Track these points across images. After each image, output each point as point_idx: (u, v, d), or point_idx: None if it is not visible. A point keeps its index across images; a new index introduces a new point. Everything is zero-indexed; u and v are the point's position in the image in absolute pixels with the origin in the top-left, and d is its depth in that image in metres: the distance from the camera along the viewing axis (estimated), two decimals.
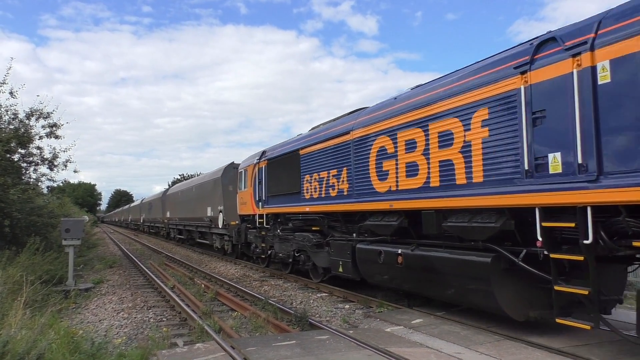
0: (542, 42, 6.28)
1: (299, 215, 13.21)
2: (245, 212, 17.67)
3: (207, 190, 24.13)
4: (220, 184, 21.61)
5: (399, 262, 8.87)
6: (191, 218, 27.78)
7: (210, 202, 23.02)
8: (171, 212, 34.85)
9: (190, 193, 28.70)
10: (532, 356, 6.11)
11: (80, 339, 7.37)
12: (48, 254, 13.94)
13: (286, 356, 6.19)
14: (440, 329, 7.65)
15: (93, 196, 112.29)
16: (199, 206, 25.52)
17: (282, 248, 14.53)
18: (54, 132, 17.32)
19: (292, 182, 13.25)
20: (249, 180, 16.91)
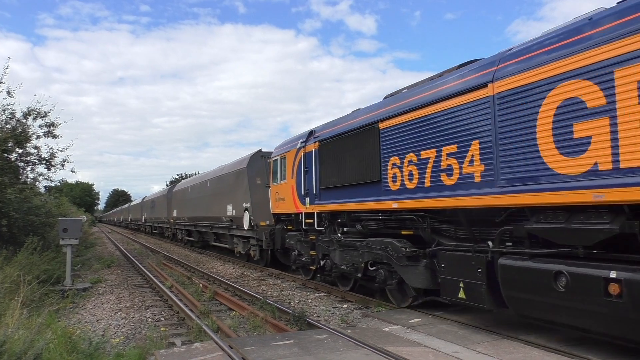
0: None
1: (378, 213, 9.67)
2: (283, 210, 14.11)
3: (227, 185, 20.37)
4: (245, 177, 17.81)
5: (612, 293, 5.27)
6: (205, 218, 23.84)
7: (232, 199, 19.30)
8: (179, 210, 30.91)
9: (203, 189, 24.74)
10: (530, 355, 6.12)
11: (78, 339, 7.37)
12: (45, 253, 13.93)
13: (284, 355, 6.18)
14: (438, 329, 7.66)
15: (91, 196, 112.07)
16: (215, 204, 21.82)
17: (344, 258, 10.82)
18: (51, 132, 17.29)
19: (366, 168, 9.80)
20: (289, 170, 13.51)
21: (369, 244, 9.79)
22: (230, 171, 20.33)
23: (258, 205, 16.80)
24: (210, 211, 22.58)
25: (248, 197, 17.37)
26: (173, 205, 32.91)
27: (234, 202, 18.88)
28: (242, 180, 18.19)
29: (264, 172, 16.91)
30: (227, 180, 20.38)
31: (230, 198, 19.48)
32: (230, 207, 19.31)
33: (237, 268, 18.03)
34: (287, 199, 13.63)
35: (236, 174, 19.15)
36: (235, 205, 18.80)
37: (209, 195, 23.07)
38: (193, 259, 22.55)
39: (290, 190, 13.36)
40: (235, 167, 19.67)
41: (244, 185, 17.85)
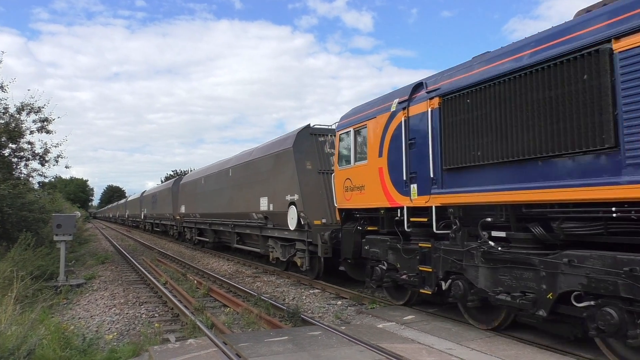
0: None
1: (600, 208, 5.57)
2: (362, 204, 10.05)
3: (260, 173, 15.97)
4: (291, 160, 13.27)
5: None
6: (225, 214, 19.56)
7: (268, 190, 15.08)
8: (188, 206, 26.52)
9: (223, 179, 20.31)
10: (523, 352, 6.16)
11: (72, 335, 7.35)
12: (39, 249, 13.86)
13: (278, 352, 6.19)
14: (432, 325, 7.69)
15: (85, 192, 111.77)
16: (241, 197, 17.62)
17: (499, 282, 6.83)
18: (45, 127, 17.22)
19: (570, 127, 5.76)
20: (374, 146, 9.57)
21: (572, 261, 5.75)
22: (265, 155, 15.69)
23: (310, 198, 12.67)
24: (234, 206, 18.34)
25: (296, 188, 12.88)
26: (180, 199, 28.51)
27: (272, 195, 14.70)
28: (286, 165, 13.65)
29: (315, 153, 13.20)
30: (261, 166, 15.89)
31: (265, 189, 15.26)
32: (266, 200, 15.13)
33: (232, 265, 18.02)
34: (369, 187, 9.70)
35: (275, 157, 14.66)
36: (273, 198, 14.62)
37: (232, 187, 18.78)
38: (188, 255, 22.51)
39: (376, 174, 9.43)
40: (273, 149, 15.06)
41: (290, 171, 13.39)
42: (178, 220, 29.82)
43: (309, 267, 12.89)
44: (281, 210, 13.92)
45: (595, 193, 5.45)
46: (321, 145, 13.32)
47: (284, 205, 13.67)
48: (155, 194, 38.81)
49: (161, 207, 35.52)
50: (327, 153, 13.25)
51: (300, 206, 12.73)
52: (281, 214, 13.93)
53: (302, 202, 12.65)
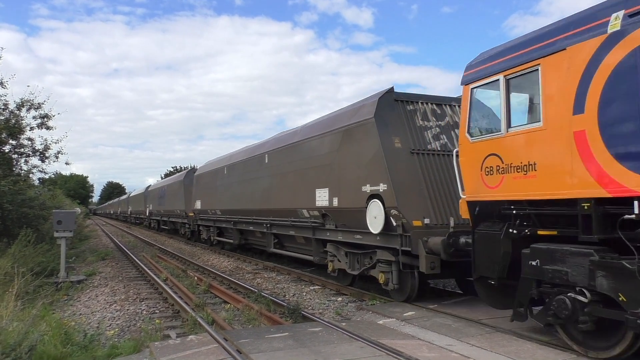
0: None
1: None
2: (529, 192, 6.40)
3: (317, 156, 11.95)
4: (374, 135, 9.55)
5: None
6: (259, 211, 15.72)
7: (331, 178, 11.17)
8: (206, 201, 22.53)
9: (255, 167, 16.30)
10: (523, 348, 6.17)
11: (73, 331, 7.38)
12: (40, 245, 13.89)
13: (279, 348, 6.21)
14: (432, 322, 7.70)
15: (85, 188, 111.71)
16: (285, 188, 13.82)
17: None
18: (45, 123, 17.24)
19: None
20: (555, 97, 6.07)
21: None
22: (324, 132, 11.68)
23: (405, 188, 8.99)
24: (272, 201, 14.64)
25: (382, 174, 9.19)
26: (195, 194, 24.46)
27: (336, 185, 10.92)
28: (364, 143, 9.89)
29: (404, 127, 9.60)
30: (317, 148, 11.94)
31: (324, 178, 11.40)
32: (325, 193, 11.37)
33: (232, 261, 18.04)
34: (547, 164, 6.15)
35: (343, 135, 10.75)
36: (337, 189, 10.88)
37: (269, 177, 14.96)
38: (188, 251, 22.54)
39: (565, 143, 5.90)
40: (338, 124, 11.11)
41: (370, 152, 9.65)
42: (191, 218, 25.75)
43: (397, 286, 9.13)
44: (353, 207, 10.19)
45: None
46: (411, 116, 9.77)
47: (360, 199, 9.88)
48: (163, 188, 34.86)
49: (170, 202, 31.64)
50: (420, 126, 9.73)
51: (390, 200, 8.95)
52: (353, 211, 10.24)
53: (393, 194, 8.85)
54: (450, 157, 9.02)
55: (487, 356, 5.88)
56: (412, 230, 8.55)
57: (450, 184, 9.02)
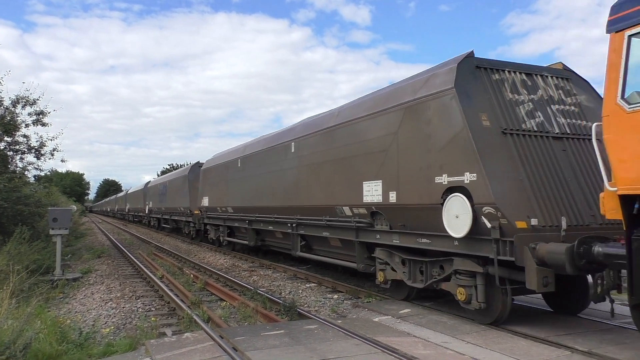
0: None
1: None
2: None
3: (365, 141, 9.72)
4: (455, 110, 7.49)
5: None
6: (283, 209, 13.40)
7: (388, 168, 8.96)
8: (214, 197, 20.09)
9: (279, 158, 13.82)
10: (518, 345, 6.20)
11: (68, 329, 7.37)
12: (35, 243, 13.84)
13: (275, 345, 6.21)
14: (427, 319, 7.73)
15: (81, 185, 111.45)
16: (320, 182, 11.42)
17: None
18: (40, 120, 17.17)
19: None
20: None
21: None
22: (376, 111, 9.38)
23: (501, 179, 6.96)
24: (301, 197, 12.27)
25: (469, 160, 7.13)
26: (202, 189, 22.11)
27: (394, 176, 8.70)
28: (439, 120, 7.79)
29: (491, 100, 7.59)
30: (366, 131, 9.66)
31: (376, 168, 9.17)
32: (378, 186, 9.11)
33: (228, 259, 18.03)
34: None
35: (405, 113, 8.54)
36: (396, 181, 8.66)
37: (298, 168, 12.53)
38: (184, 249, 22.52)
39: None
40: (397, 100, 8.87)
41: (449, 133, 7.55)
42: (197, 216, 23.42)
43: (484, 304, 7.17)
44: (421, 203, 8.02)
45: None
46: (498, 88, 7.76)
47: (431, 193, 7.78)
48: (165, 184, 32.13)
49: (173, 199, 29.18)
50: (510, 101, 7.71)
51: (482, 194, 6.89)
52: (419, 208, 8.09)
53: (486, 186, 6.81)
54: (548, 140, 7.48)
55: (482, 353, 5.91)
56: (515, 233, 6.49)
57: (555, 173, 7.18)
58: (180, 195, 27.17)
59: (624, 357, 5.57)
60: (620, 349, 5.90)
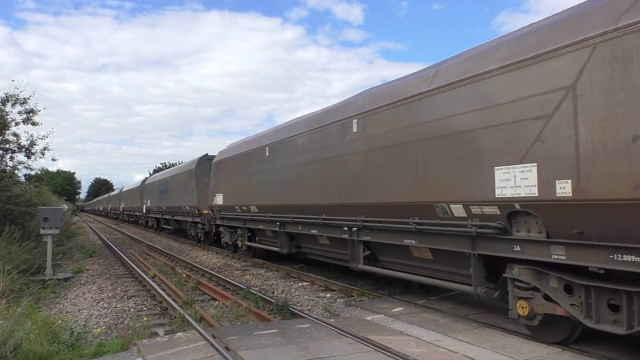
0: None
1: None
2: None
3: (492, 108, 6.58)
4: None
5: None
6: (335, 207, 10.44)
7: (541, 147, 5.86)
8: (231, 194, 17.16)
9: (328, 143, 10.89)
10: (509, 343, 6.24)
11: (59, 329, 7.32)
12: (26, 243, 13.73)
13: (267, 345, 6.21)
14: (420, 317, 7.75)
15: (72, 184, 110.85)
16: (411, 171, 8.12)
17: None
18: (30, 119, 17.02)
19: None
20: None
21: None
22: (526, 59, 6.14)
23: None
24: (370, 192, 9.26)
25: None
26: (215, 185, 18.88)
27: (572, 157, 5.50)
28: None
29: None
30: (499, 93, 6.51)
31: (519, 147, 6.18)
32: (529, 174, 6.06)
33: (221, 258, 17.99)
34: None
35: (603, 50, 5.20)
36: (573, 165, 5.49)
37: (364, 154, 9.50)
38: (176, 248, 22.44)
39: None
40: (575, 32, 5.59)
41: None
42: (206, 216, 20.35)
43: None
44: (634, 198, 4.92)
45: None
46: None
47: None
48: (166, 180, 28.72)
49: (176, 197, 25.85)
50: None
51: None
52: (628, 207, 5.00)
53: None
54: None
55: (474, 351, 5.94)
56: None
57: None
58: (185, 192, 23.65)
59: (613, 354, 5.62)
60: (609, 345, 5.95)
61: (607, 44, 5.17)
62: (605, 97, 5.16)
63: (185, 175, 23.86)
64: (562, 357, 5.63)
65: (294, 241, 13.35)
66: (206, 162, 21.62)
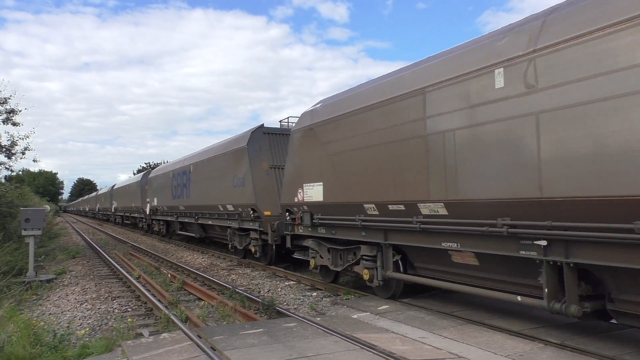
0: None
1: None
2: None
3: None
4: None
5: None
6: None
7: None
8: (338, 185, 9.40)
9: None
10: (494, 339, 6.31)
11: (42, 331, 7.22)
12: (7, 244, 13.53)
13: (253, 344, 6.20)
14: (405, 315, 7.80)
15: (55, 185, 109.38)
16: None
17: None
18: (11, 119, 16.76)
19: None
20: None
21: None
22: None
23: None
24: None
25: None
26: (303, 169, 10.72)
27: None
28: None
29: None
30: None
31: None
32: None
33: (206, 258, 17.90)
34: None
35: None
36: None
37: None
38: (161, 248, 22.26)
39: None
40: None
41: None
42: (269, 221, 13.42)
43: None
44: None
45: None
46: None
47: None
48: (185, 170, 20.91)
49: (205, 192, 18.20)
50: None
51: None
52: None
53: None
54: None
55: (459, 347, 5.99)
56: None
57: None
58: (225, 184, 15.93)
59: (594, 348, 5.72)
60: (591, 340, 6.06)
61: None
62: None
63: (226, 159, 16.02)
64: (544, 353, 5.70)
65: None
66: (262, 137, 14.57)
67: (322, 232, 10.35)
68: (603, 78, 5.02)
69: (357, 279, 10.25)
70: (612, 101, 4.91)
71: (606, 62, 4.99)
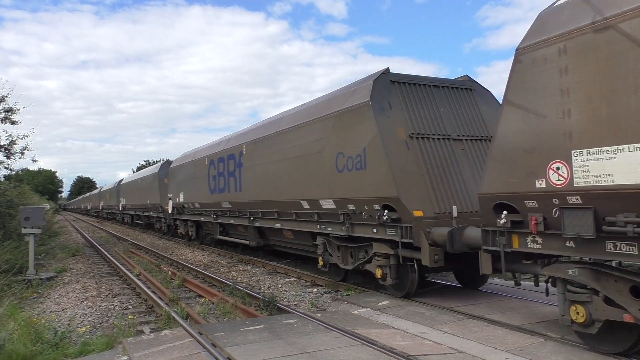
0: None
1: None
2: None
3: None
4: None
5: None
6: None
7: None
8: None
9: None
10: (494, 333, 6.32)
11: (43, 329, 7.23)
12: (7, 243, 13.54)
13: (254, 340, 6.21)
14: (406, 310, 7.81)
15: (54, 183, 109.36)
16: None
17: None
18: (9, 118, 16.73)
19: None
20: None
21: None
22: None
23: None
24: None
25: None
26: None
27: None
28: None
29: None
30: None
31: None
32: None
33: (207, 255, 17.91)
34: None
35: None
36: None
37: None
38: (161, 246, 22.27)
39: None
40: None
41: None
42: (421, 226, 7.83)
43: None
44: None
45: None
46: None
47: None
48: (234, 152, 15.27)
49: (264, 180, 13.06)
50: None
51: None
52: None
53: None
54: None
55: (459, 342, 6.00)
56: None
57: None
58: (320, 168, 10.35)
59: None
60: None
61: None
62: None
63: (319, 130, 10.47)
64: (544, 347, 5.72)
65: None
66: (391, 89, 8.99)
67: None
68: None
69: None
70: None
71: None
